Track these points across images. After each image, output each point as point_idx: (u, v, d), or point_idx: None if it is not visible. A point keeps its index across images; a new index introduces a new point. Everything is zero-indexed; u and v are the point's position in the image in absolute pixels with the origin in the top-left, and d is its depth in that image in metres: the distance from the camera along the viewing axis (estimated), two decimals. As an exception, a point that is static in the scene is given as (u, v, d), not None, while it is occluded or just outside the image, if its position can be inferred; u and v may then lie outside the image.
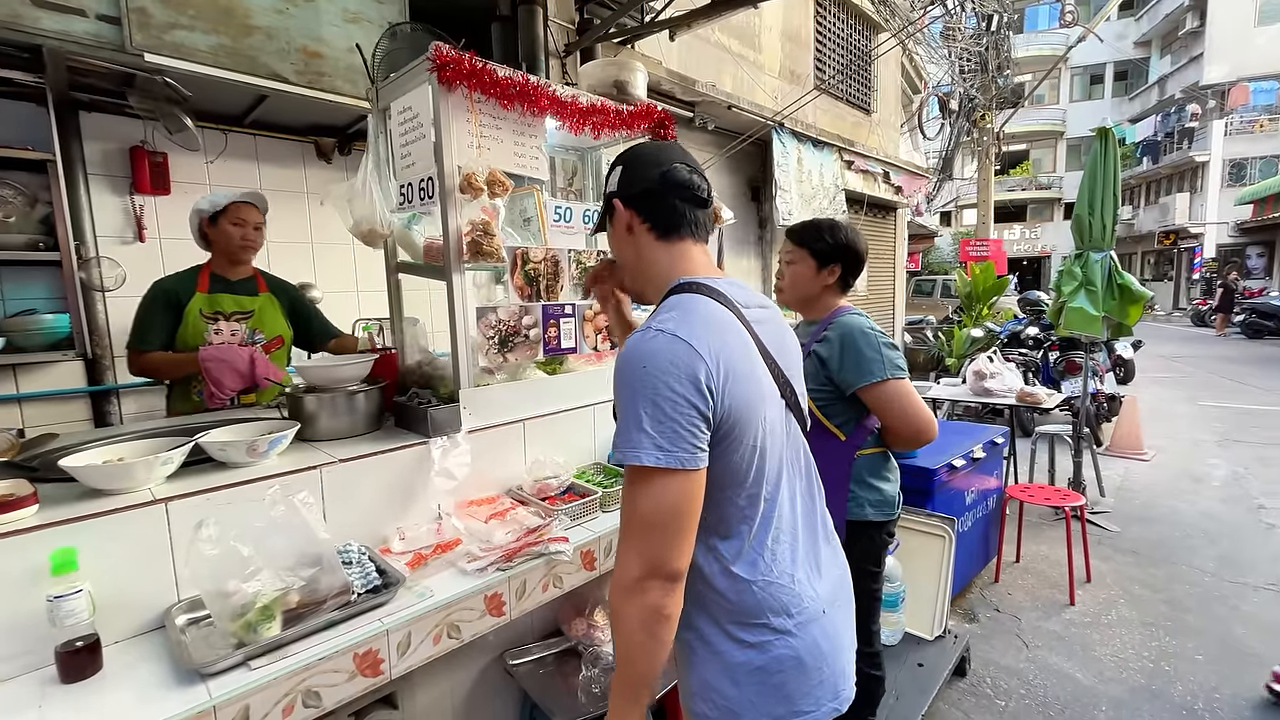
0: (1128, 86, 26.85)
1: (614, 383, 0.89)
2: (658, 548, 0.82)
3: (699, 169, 1.02)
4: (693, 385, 0.83)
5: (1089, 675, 2.43)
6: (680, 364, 0.83)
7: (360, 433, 1.63)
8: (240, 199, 2.17)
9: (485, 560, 1.38)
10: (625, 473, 0.86)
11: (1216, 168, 20.07)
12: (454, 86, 1.55)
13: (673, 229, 1.00)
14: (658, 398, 0.82)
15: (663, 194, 0.99)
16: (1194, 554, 3.45)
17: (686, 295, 0.94)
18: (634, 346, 0.87)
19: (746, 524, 0.92)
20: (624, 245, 1.05)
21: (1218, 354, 11.75)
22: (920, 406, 1.59)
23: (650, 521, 0.83)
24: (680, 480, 0.83)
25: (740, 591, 0.91)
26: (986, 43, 8.74)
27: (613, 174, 1.05)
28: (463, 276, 1.62)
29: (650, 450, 0.81)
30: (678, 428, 0.82)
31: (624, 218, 1.02)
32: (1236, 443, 5.67)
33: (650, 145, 1.06)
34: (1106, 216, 3.71)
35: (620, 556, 0.85)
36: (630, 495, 0.85)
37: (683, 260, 1.01)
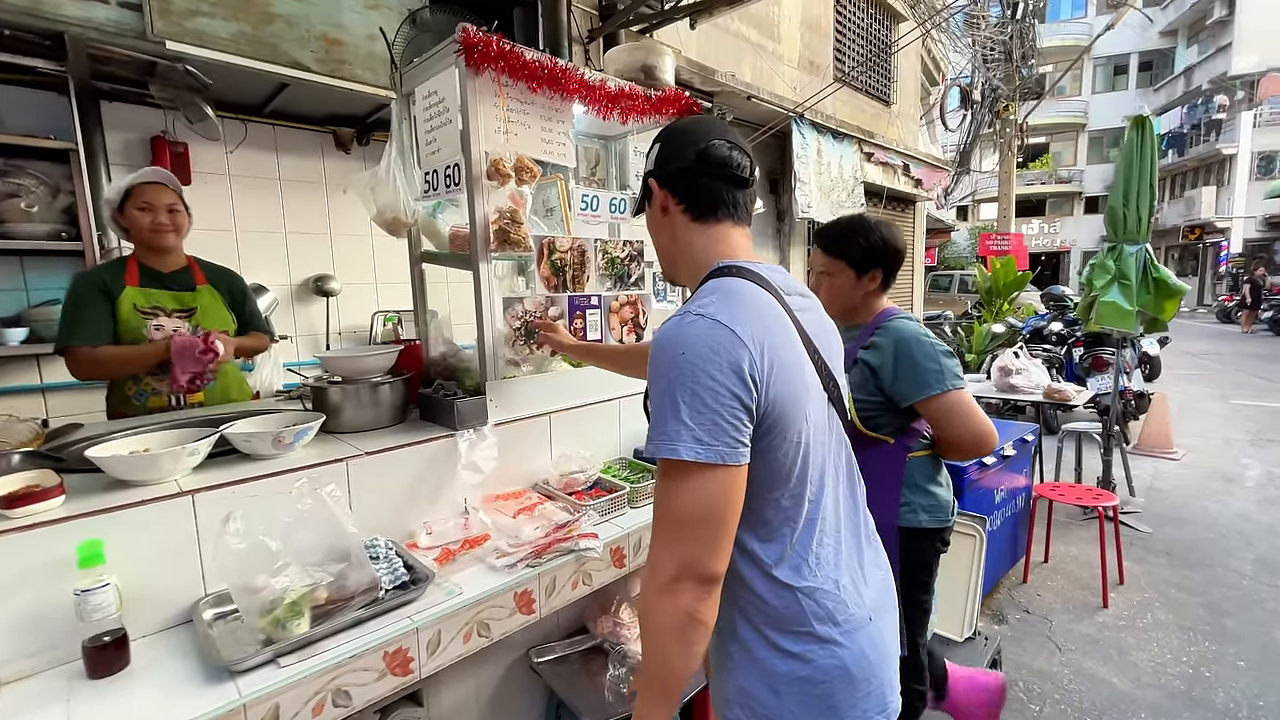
0: (1152, 77, 26.22)
1: (649, 371, 0.83)
2: (694, 548, 0.77)
3: (742, 145, 0.95)
4: (735, 374, 0.77)
5: (1125, 680, 2.36)
6: (721, 351, 0.77)
7: (385, 425, 1.60)
8: (143, 180, 1.91)
9: (514, 556, 1.35)
10: (660, 466, 0.80)
11: (1245, 160, 19.58)
12: (481, 69, 1.51)
13: (709, 210, 0.94)
14: (697, 387, 0.76)
15: (699, 173, 0.93)
16: (1230, 556, 3.35)
17: (727, 279, 0.88)
18: (671, 331, 0.81)
19: (789, 526, 0.86)
20: (660, 228, 1.00)
21: (1246, 351, 11.47)
22: (981, 416, 1.49)
23: (686, 520, 0.77)
24: (720, 476, 0.77)
25: (783, 598, 0.85)
26: (1011, 31, 8.55)
27: (650, 152, 0.99)
28: (489, 266, 1.59)
29: (688, 443, 0.76)
30: (719, 419, 0.76)
31: (659, 198, 0.97)
32: (1271, 443, 5.52)
33: (689, 121, 1.00)
34: (1142, 208, 3.59)
35: (653, 555, 0.80)
36: (665, 491, 0.79)
37: (721, 243, 0.95)
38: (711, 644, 0.89)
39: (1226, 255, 20.07)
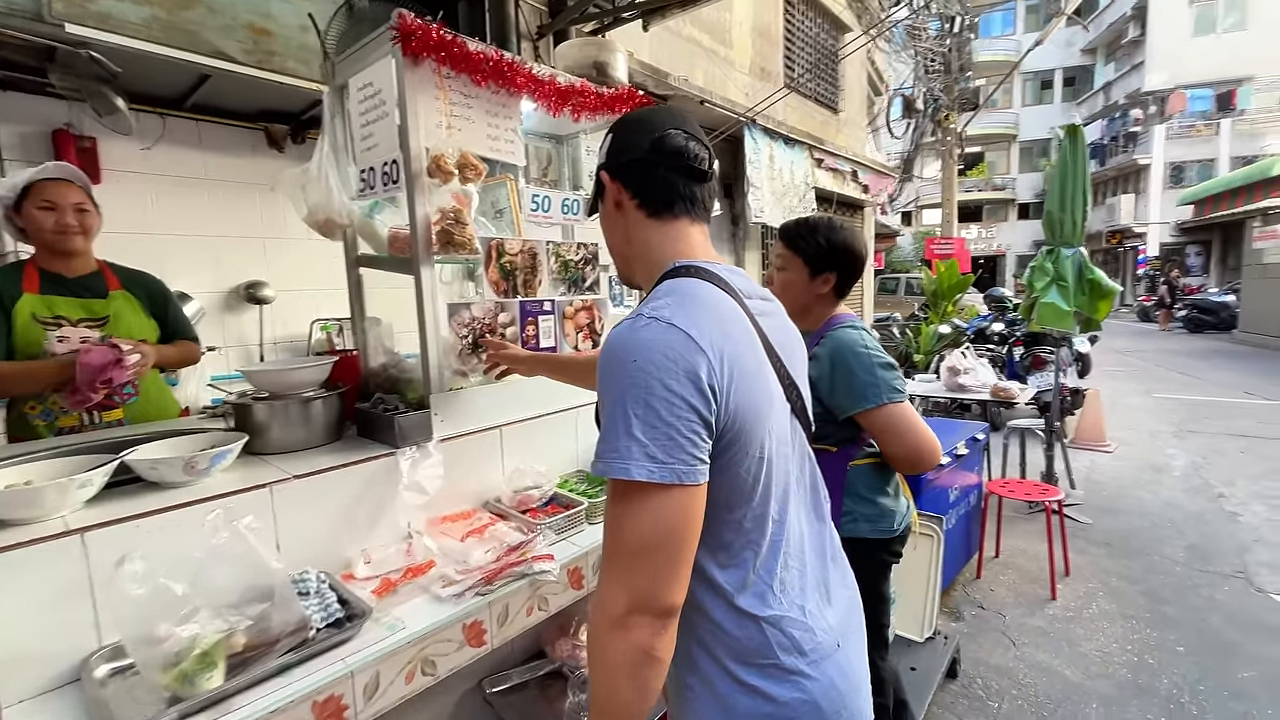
0: (1076, 92, 27.93)
1: (598, 381, 0.76)
2: (648, 578, 0.69)
3: (700, 136, 0.88)
4: (692, 383, 0.70)
5: (1077, 672, 2.42)
6: (677, 358, 0.70)
7: (318, 444, 1.47)
8: (45, 176, 1.75)
9: (463, 584, 1.24)
10: (610, 487, 0.72)
11: (1158, 170, 21.04)
12: (420, 59, 1.40)
13: (665, 205, 0.87)
14: (650, 397, 0.69)
15: (654, 164, 0.86)
16: (1164, 544, 3.52)
17: (684, 279, 0.81)
18: (621, 336, 0.73)
19: (752, 549, 0.79)
20: (613, 225, 0.92)
21: (1165, 348, 12.28)
22: (920, 430, 1.44)
23: (640, 547, 0.69)
24: (677, 498, 0.69)
25: (745, 628, 0.78)
26: (950, 44, 8.93)
27: (603, 144, 0.92)
28: (432, 270, 1.48)
29: (641, 461, 0.68)
30: (674, 434, 0.69)
31: (612, 193, 0.89)
32: (1192, 433, 5.88)
33: (643, 110, 0.93)
34: (1077, 213, 3.75)
35: (603, 586, 0.72)
36: (616, 515, 0.71)
37: (679, 241, 0.87)
38: (669, 673, 0.81)
39: (1145, 259, 21.49)
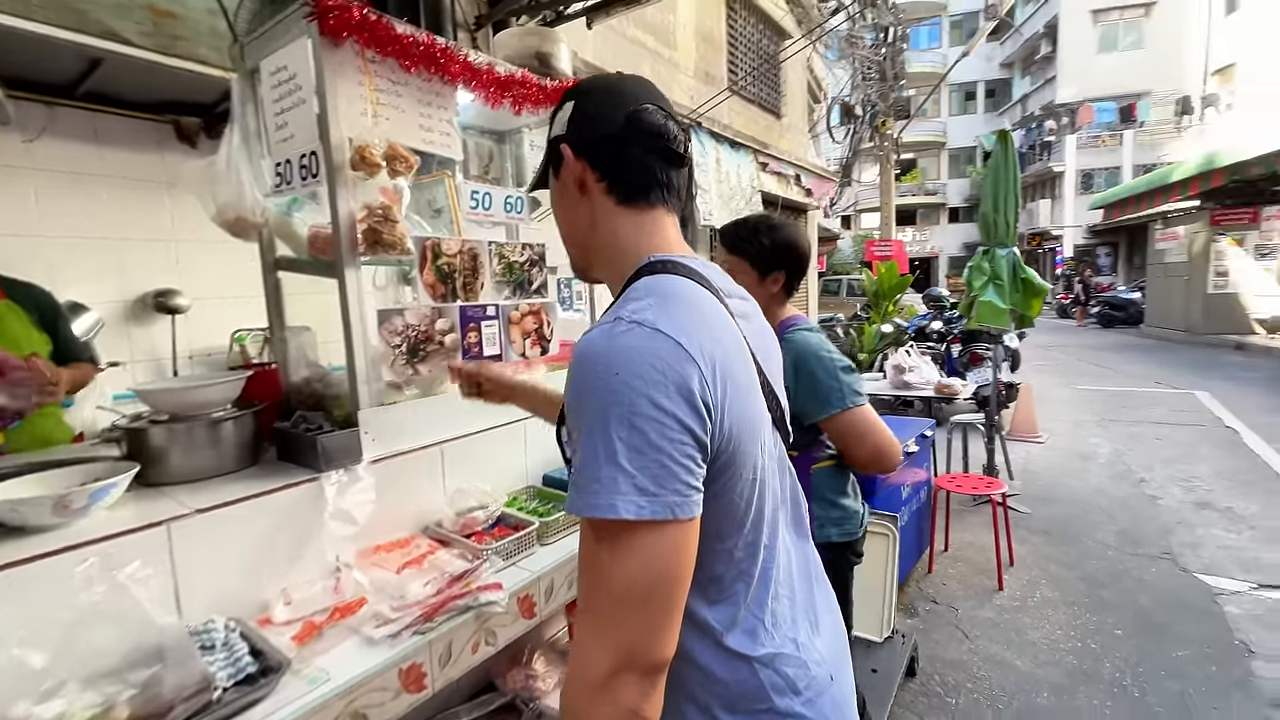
0: (996, 103, 29.70)
1: (567, 396, 0.65)
2: (637, 631, 0.59)
3: (674, 113, 0.79)
4: (684, 399, 0.60)
5: (1027, 661, 2.47)
6: (666, 369, 0.60)
7: (228, 471, 1.30)
8: None
9: (399, 623, 1.11)
10: (588, 528, 0.62)
11: (1071, 177, 22.58)
12: (340, 40, 1.27)
13: (640, 192, 0.76)
14: (637, 417, 0.59)
15: (627, 142, 0.75)
16: (1096, 530, 3.69)
17: (663, 276, 0.71)
18: (596, 345, 0.63)
19: (743, 582, 0.71)
20: (573, 209, 0.80)
21: (1083, 343, 13.12)
22: (882, 431, 1.43)
23: (627, 596, 0.59)
24: (670, 535, 0.60)
25: (737, 671, 0.70)
26: (885, 53, 9.28)
27: (561, 112, 0.80)
28: (358, 272, 1.34)
29: (629, 496, 0.58)
30: (666, 460, 0.59)
31: (575, 171, 0.77)
32: (1112, 422, 6.26)
33: (610, 78, 0.81)
34: (1009, 214, 3.90)
35: (582, 643, 0.61)
36: (597, 560, 0.61)
37: (655, 234, 0.77)
38: None
39: (1062, 259, 23.01)
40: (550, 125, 0.82)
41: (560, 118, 0.80)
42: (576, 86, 0.81)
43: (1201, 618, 2.72)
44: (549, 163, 0.82)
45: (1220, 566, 3.17)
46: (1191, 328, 12.05)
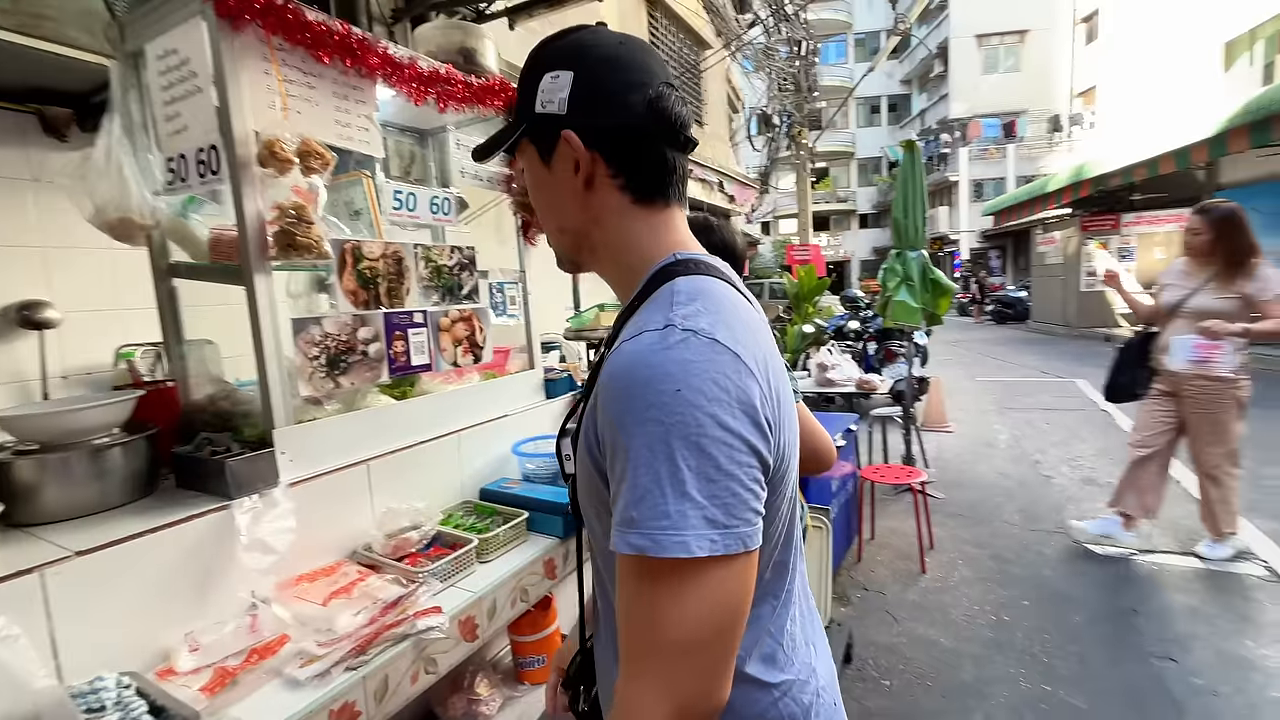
0: (898, 116, 31.90)
1: (608, 414, 0.56)
2: (700, 678, 0.53)
3: (678, 88, 0.70)
4: (749, 417, 0.53)
5: (950, 638, 2.63)
6: (729, 384, 0.53)
7: (116, 504, 1.15)
8: None
9: (327, 660, 1.02)
10: (633, 564, 0.53)
11: (964, 186, 24.60)
12: (242, 24, 1.15)
13: (658, 189, 0.67)
14: (704, 440, 0.51)
15: (649, 135, 0.64)
16: (1001, 510, 3.99)
17: (700, 278, 0.62)
18: (648, 357, 0.54)
19: (769, 603, 0.66)
20: (571, 200, 0.67)
21: (980, 338, 14.26)
22: (818, 429, 1.39)
23: (691, 640, 0.52)
24: (739, 569, 0.53)
25: (756, 702, 0.64)
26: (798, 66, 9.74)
27: (549, 80, 0.64)
28: (268, 278, 1.22)
29: (701, 531, 0.50)
30: (736, 488, 0.52)
31: (581, 160, 0.64)
32: (1009, 410, 6.82)
33: (610, 40, 0.66)
34: (918, 219, 4.17)
35: (631, 696, 0.54)
36: (651, 602, 0.52)
37: (673, 230, 0.68)
38: None
39: (959, 262, 24.97)
40: (527, 92, 0.67)
41: (553, 89, 0.64)
42: (568, 48, 0.66)
43: (1093, 583, 3.00)
44: (531, 140, 0.68)
45: (1105, 536, 3.51)
46: (1069, 322, 13.39)
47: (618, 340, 0.62)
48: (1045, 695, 2.25)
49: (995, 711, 2.18)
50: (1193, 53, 13.15)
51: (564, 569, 1.55)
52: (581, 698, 0.87)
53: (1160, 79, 14.40)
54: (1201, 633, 2.56)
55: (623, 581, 0.55)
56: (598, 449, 0.60)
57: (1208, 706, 2.14)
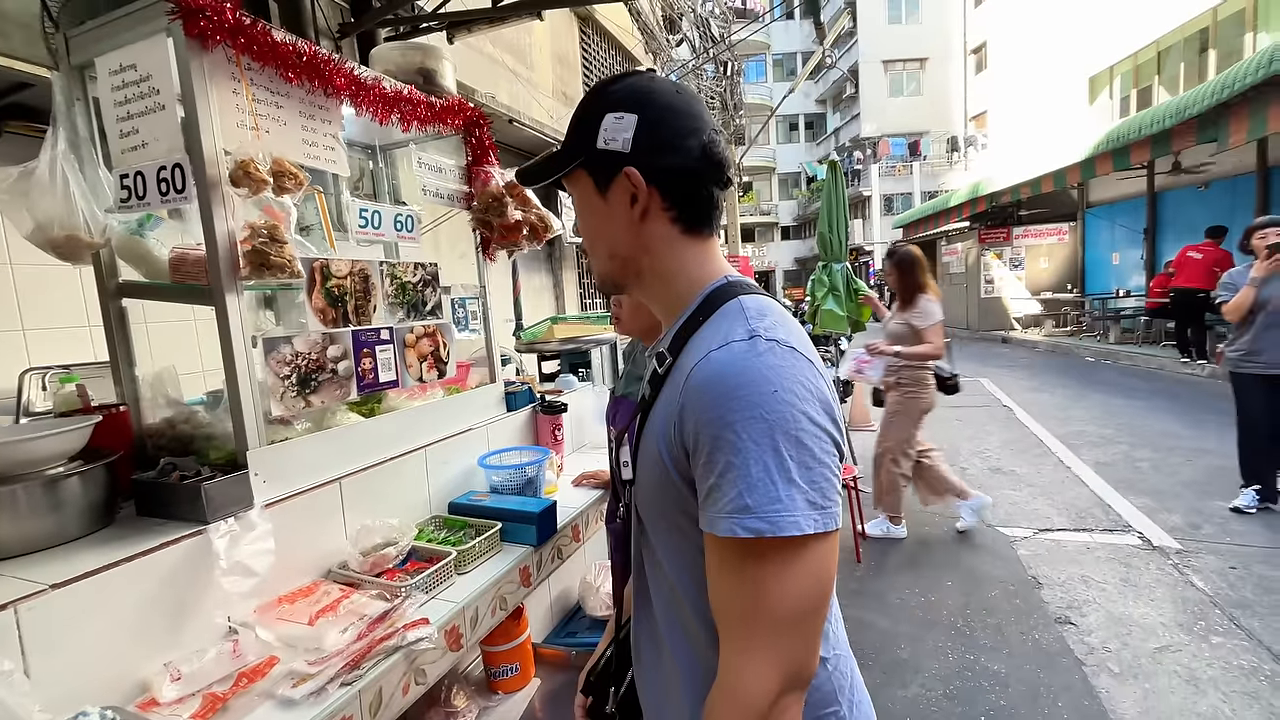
0: (815, 134, 33.70)
1: (702, 419, 0.61)
2: (801, 647, 0.60)
3: None
4: (827, 414, 0.62)
5: (886, 620, 2.85)
6: (811, 385, 0.62)
7: (75, 536, 1.10)
8: None
9: (321, 678, 1.02)
10: (741, 548, 0.59)
11: (877, 201, 26.30)
12: (212, 44, 1.15)
13: (705, 223, 0.74)
14: (801, 433, 0.59)
15: (703, 177, 0.72)
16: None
17: (758, 297, 0.71)
18: (742, 363, 0.61)
19: None
20: (624, 229, 0.73)
21: (895, 342, 15.28)
22: None
23: (797, 611, 0.59)
24: (830, 545, 0.61)
25: (818, 675, 0.68)
26: (724, 85, 10.16)
27: (613, 120, 0.70)
28: (238, 298, 1.21)
29: (805, 511, 0.58)
30: (827, 473, 0.61)
31: (640, 194, 0.71)
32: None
33: (671, 90, 0.73)
34: (841, 233, 4.49)
35: (741, 671, 0.60)
36: (761, 580, 0.59)
37: (715, 258, 0.76)
38: None
39: (874, 271, 26.64)
40: (588, 126, 0.72)
41: (617, 129, 0.70)
42: (630, 90, 0.72)
43: (1004, 562, 3.34)
44: (589, 172, 0.74)
45: (1012, 519, 3.91)
46: (972, 326, 14.61)
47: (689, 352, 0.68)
48: (969, 663, 2.49)
49: (929, 681, 2.40)
50: (1064, 85, 14.78)
51: (538, 576, 1.59)
52: (610, 698, 0.91)
53: (1039, 107, 16.08)
54: (1094, 597, 2.91)
55: (727, 565, 0.61)
56: (681, 451, 0.65)
57: (1101, 660, 2.45)
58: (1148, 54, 12.25)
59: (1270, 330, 3.48)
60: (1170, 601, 2.83)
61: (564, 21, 6.86)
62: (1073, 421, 6.18)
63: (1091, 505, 4.03)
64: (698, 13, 8.72)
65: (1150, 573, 3.10)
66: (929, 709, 2.26)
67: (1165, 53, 11.85)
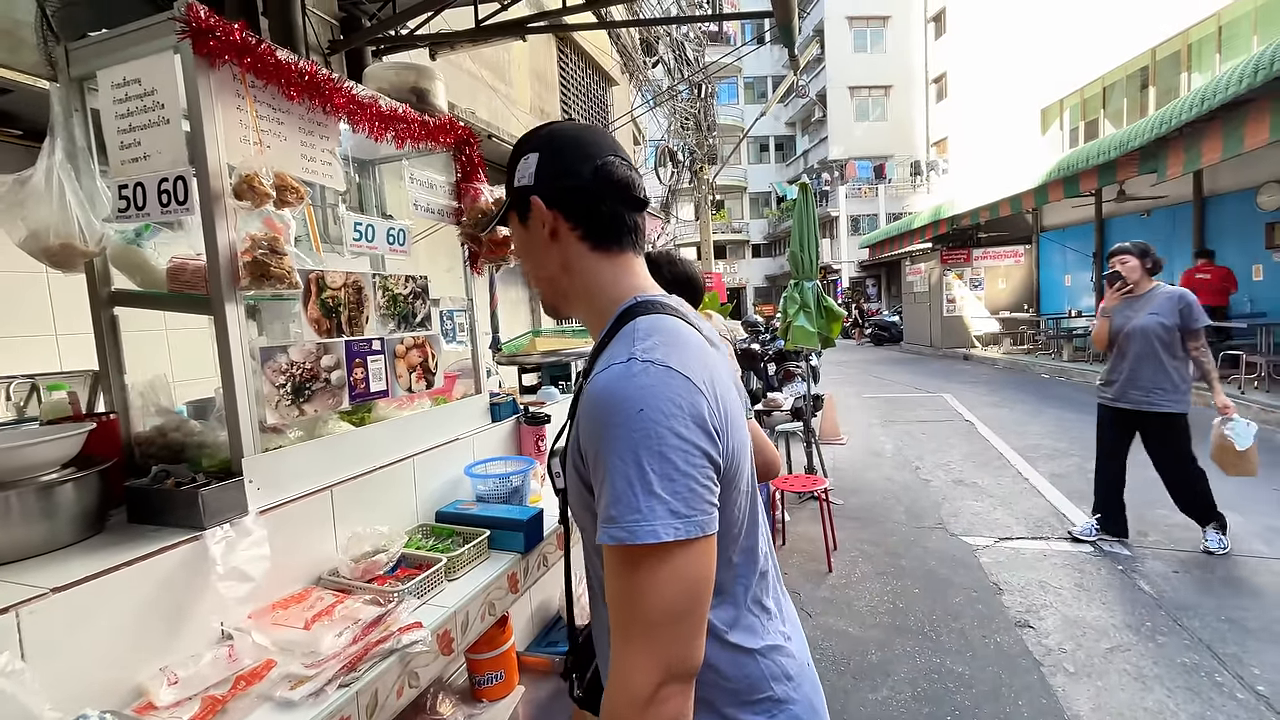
0: (785, 155, 34.60)
1: (588, 436, 0.70)
2: (678, 644, 0.66)
3: (631, 162, 0.88)
4: (700, 428, 0.67)
5: (856, 627, 2.94)
6: (683, 402, 0.67)
7: (68, 542, 1.10)
8: None
9: (319, 679, 1.04)
10: (620, 555, 0.66)
11: (844, 221, 27.07)
12: (219, 62, 1.19)
13: (613, 238, 0.83)
14: (665, 448, 0.65)
15: (598, 195, 0.82)
16: (890, 512, 4.48)
17: (657, 316, 0.78)
18: (615, 384, 0.68)
19: (741, 584, 0.79)
20: (544, 254, 0.85)
21: (862, 359, 15.68)
22: (765, 444, 1.55)
23: (669, 612, 0.65)
24: (699, 551, 0.66)
25: (742, 666, 0.77)
26: (699, 106, 10.43)
27: (523, 161, 0.85)
28: (238, 308, 1.24)
29: (666, 520, 0.64)
30: (693, 484, 0.66)
31: (544, 220, 0.82)
32: (891, 423, 7.60)
33: (570, 128, 0.87)
34: (811, 252, 4.65)
35: (625, 664, 0.66)
36: (635, 584, 0.65)
37: (631, 274, 0.85)
38: None
39: (842, 289, 27.33)
40: (511, 172, 0.87)
41: (524, 167, 0.84)
42: (535, 137, 0.86)
43: (967, 569, 3.48)
44: (514, 208, 0.87)
45: (974, 528, 4.07)
46: (935, 343, 15.10)
47: (593, 372, 0.76)
48: (936, 666, 2.59)
49: (898, 685, 2.48)
50: (1019, 115, 15.57)
51: (525, 582, 1.62)
52: (574, 685, 1.00)
53: (996, 135, 16.88)
54: (1051, 601, 3.06)
55: (610, 570, 0.69)
56: (583, 463, 0.74)
57: (1058, 661, 2.58)
58: (1094, 89, 13.02)
59: (1120, 360, 3.42)
60: (1120, 604, 2.99)
61: (543, 40, 6.97)
62: (1030, 435, 6.46)
63: (1048, 514, 4.23)
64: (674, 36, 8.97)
65: (1101, 577, 3.28)
66: (898, 710, 2.34)
67: (1110, 88, 12.62)
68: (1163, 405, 3.30)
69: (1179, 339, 3.27)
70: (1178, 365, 3.28)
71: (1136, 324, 3.34)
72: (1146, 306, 3.35)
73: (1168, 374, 3.27)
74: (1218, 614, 2.84)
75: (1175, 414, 3.30)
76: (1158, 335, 3.27)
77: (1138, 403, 3.36)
